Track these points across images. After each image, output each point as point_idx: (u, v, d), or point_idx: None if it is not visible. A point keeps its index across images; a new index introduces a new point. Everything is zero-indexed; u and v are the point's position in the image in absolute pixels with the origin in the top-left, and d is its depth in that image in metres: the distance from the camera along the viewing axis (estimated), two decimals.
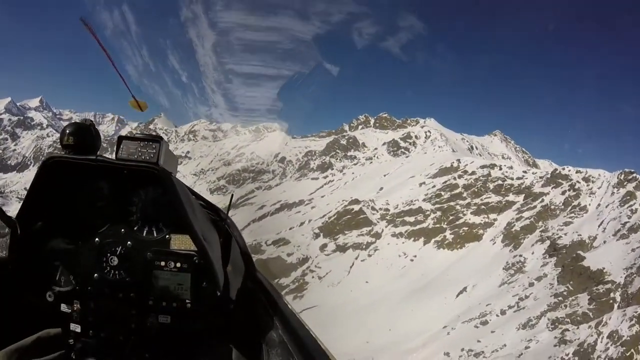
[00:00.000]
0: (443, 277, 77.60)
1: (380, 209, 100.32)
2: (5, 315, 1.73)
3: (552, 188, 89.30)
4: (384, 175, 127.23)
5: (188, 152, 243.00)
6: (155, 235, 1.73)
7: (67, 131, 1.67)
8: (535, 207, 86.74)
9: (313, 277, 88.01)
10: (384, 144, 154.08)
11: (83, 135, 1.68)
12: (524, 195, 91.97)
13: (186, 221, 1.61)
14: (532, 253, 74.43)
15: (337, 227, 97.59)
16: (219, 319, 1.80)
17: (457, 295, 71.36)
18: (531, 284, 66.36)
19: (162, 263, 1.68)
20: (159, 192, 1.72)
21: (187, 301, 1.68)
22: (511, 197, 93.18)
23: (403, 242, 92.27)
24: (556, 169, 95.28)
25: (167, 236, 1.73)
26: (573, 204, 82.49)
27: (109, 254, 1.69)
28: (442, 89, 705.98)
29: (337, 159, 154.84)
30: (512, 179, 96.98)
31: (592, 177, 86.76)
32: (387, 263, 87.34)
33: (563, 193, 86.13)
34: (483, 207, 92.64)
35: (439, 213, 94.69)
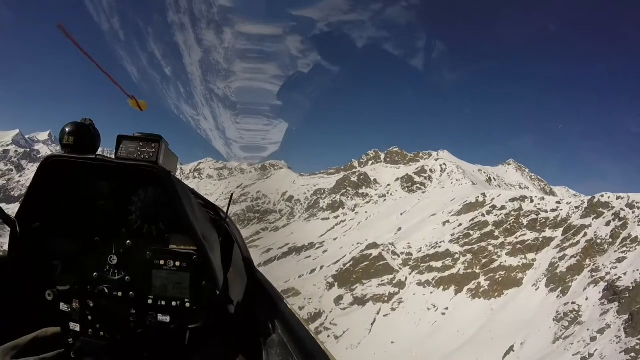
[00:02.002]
0: (483, 334, 66.45)
1: (402, 253, 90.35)
2: (4, 314, 1.77)
3: (593, 219, 79.53)
4: (401, 214, 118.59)
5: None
6: (154, 234, 1.75)
7: (67, 130, 1.68)
8: (578, 242, 76.57)
9: (329, 336, 77.34)
10: (397, 179, 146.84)
11: (83, 135, 1.69)
12: (562, 229, 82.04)
13: (186, 220, 1.63)
14: (587, 299, 63.64)
15: (354, 276, 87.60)
16: (218, 319, 1.80)
17: (504, 357, 60.10)
18: (593, 339, 55.77)
19: (162, 262, 1.69)
20: (159, 191, 1.74)
21: (187, 300, 1.69)
22: (548, 233, 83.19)
23: (431, 292, 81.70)
24: (593, 197, 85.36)
25: (166, 235, 1.74)
26: (622, 236, 72.23)
27: (108, 253, 1.71)
28: (450, 120, 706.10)
29: (348, 197, 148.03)
30: (546, 211, 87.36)
31: (637, 202, 76.90)
32: (415, 318, 76.39)
33: (607, 224, 76.22)
34: (519, 246, 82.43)
35: (469, 256, 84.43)
